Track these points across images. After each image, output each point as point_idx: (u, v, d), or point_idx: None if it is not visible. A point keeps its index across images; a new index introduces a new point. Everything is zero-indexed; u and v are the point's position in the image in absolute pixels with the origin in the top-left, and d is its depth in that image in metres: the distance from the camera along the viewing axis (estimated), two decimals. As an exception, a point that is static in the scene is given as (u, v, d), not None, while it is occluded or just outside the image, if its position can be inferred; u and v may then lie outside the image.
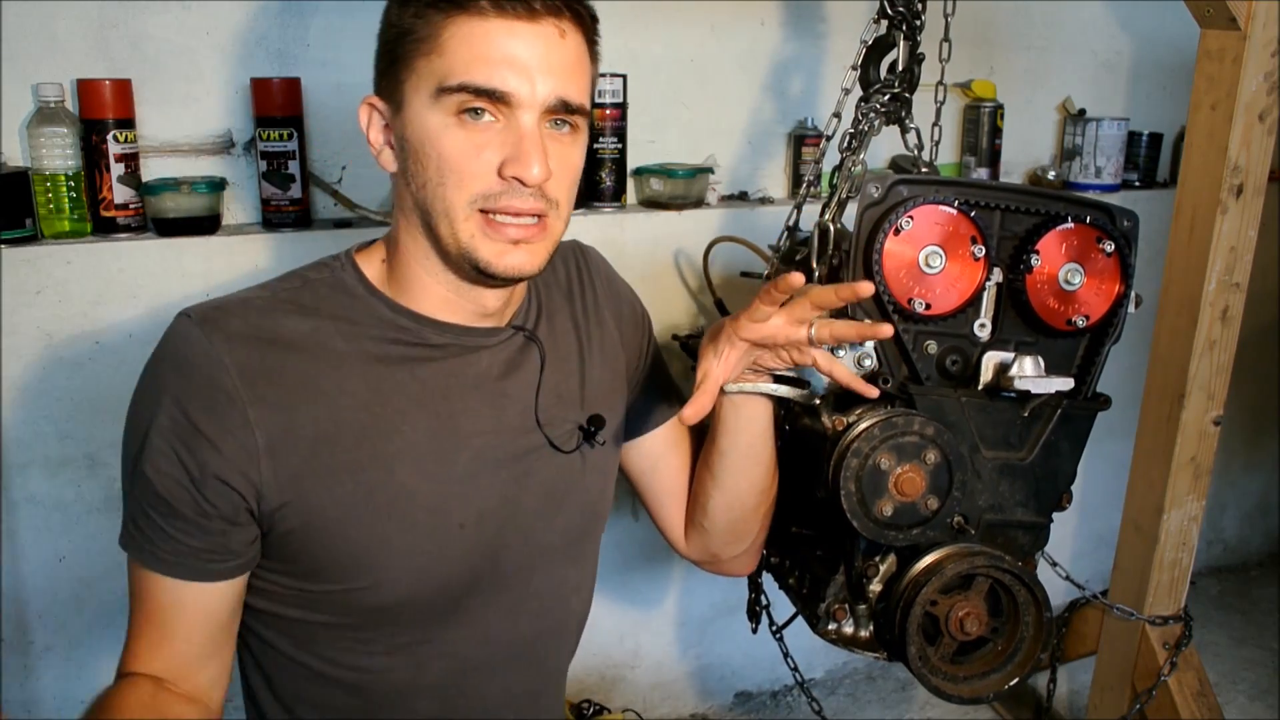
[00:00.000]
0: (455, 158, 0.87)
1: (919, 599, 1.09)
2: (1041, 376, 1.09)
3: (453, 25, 0.85)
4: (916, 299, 1.09)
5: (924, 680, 1.12)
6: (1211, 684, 1.91)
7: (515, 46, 0.85)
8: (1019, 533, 1.16)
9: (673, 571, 2.18)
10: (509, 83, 0.85)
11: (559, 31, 0.87)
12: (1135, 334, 2.13)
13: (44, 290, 1.53)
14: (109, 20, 1.58)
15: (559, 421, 1.04)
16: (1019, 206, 1.11)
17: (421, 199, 0.90)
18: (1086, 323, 1.12)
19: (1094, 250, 1.10)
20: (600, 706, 2.05)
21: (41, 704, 1.67)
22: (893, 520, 1.06)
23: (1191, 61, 1.67)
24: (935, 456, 1.06)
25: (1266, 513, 3.02)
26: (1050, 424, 1.14)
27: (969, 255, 1.09)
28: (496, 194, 0.88)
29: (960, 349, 1.13)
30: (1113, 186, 2.37)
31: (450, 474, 0.97)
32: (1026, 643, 1.13)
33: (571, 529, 1.07)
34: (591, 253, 1.17)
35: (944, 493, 1.07)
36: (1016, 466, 1.14)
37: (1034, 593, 1.11)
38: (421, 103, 0.87)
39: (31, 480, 1.59)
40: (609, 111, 1.88)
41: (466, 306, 0.97)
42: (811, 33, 2.08)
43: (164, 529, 0.89)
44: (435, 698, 1.02)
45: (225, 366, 0.87)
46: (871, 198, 1.10)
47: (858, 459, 1.05)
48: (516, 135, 0.87)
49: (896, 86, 1.39)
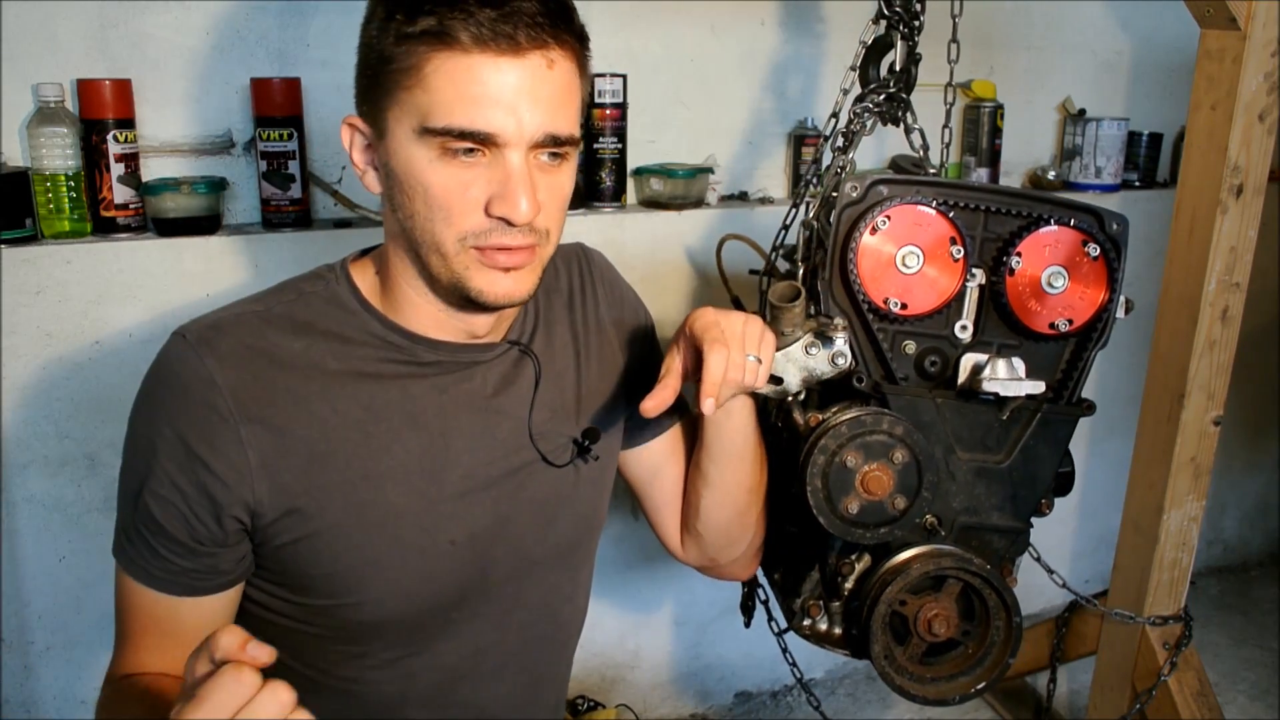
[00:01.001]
0: (442, 195, 0.85)
1: (883, 597, 1.09)
2: (1014, 379, 1.07)
3: (435, 59, 0.82)
4: (892, 298, 1.09)
5: (888, 679, 1.12)
6: (1211, 684, 1.91)
7: (499, 83, 0.82)
8: (995, 537, 1.15)
9: (673, 572, 2.18)
10: (494, 123, 0.83)
11: (547, 63, 0.84)
12: (1135, 334, 2.14)
13: (44, 290, 1.53)
14: (109, 20, 1.58)
15: (553, 436, 1.03)
16: (1002, 208, 1.11)
17: (409, 229, 0.89)
18: (1070, 327, 1.10)
19: (1079, 254, 1.09)
20: (594, 702, 2.05)
21: (41, 704, 1.67)
22: (859, 518, 1.06)
23: (1191, 61, 1.67)
24: (903, 456, 1.05)
25: (1266, 513, 3.02)
26: (1029, 428, 1.13)
27: (948, 256, 1.08)
28: (485, 231, 0.86)
29: (940, 350, 1.13)
30: (1113, 186, 2.37)
31: (441, 493, 0.96)
32: (996, 647, 1.12)
33: (563, 541, 1.07)
34: (596, 257, 1.16)
35: (913, 493, 1.06)
36: (993, 470, 1.13)
37: (1003, 597, 1.11)
38: (405, 135, 0.85)
39: (31, 480, 1.59)
40: (609, 111, 1.88)
41: (458, 326, 0.96)
42: (811, 33, 2.08)
43: (155, 549, 0.90)
44: (427, 706, 1.02)
45: (218, 387, 0.88)
46: (849, 197, 1.09)
47: (824, 456, 1.05)
48: (504, 173, 0.85)
49: (892, 86, 1.39)
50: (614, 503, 1.26)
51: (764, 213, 2.03)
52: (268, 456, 0.89)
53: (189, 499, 0.88)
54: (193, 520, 0.89)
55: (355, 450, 0.92)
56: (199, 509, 0.88)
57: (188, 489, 0.88)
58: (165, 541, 0.89)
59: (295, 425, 0.90)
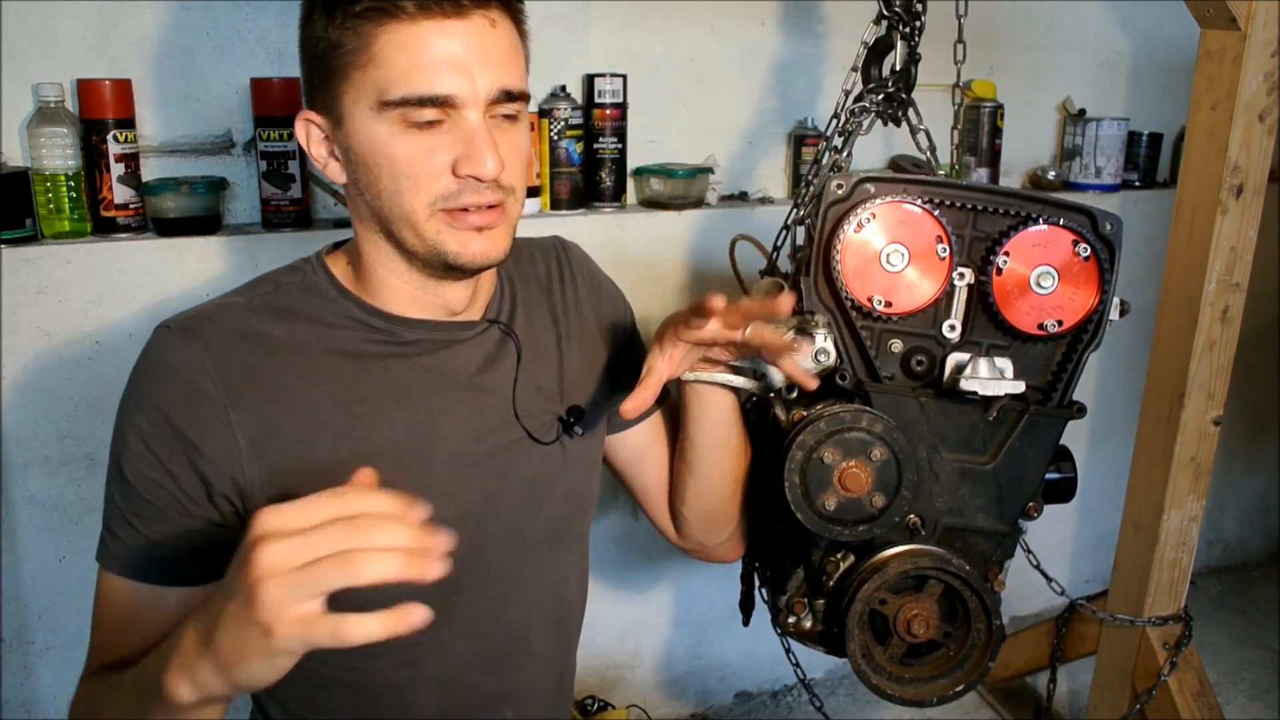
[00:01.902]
0: (408, 164, 0.88)
1: (860, 595, 1.09)
2: (993, 378, 1.07)
3: (384, 34, 0.85)
4: (877, 296, 1.08)
5: (864, 678, 1.11)
6: (1211, 684, 1.91)
7: (449, 46, 0.85)
8: (980, 539, 1.14)
9: (673, 571, 2.18)
10: (450, 85, 0.86)
11: (489, 22, 0.87)
12: (1135, 334, 2.14)
13: (44, 290, 1.53)
14: (109, 20, 1.58)
15: (538, 414, 1.05)
16: (991, 207, 1.10)
17: (378, 207, 0.91)
18: (1059, 328, 1.09)
19: (1069, 254, 1.08)
20: (604, 703, 2.05)
21: (41, 704, 1.67)
22: (837, 515, 1.06)
23: (1191, 61, 1.67)
24: (882, 454, 1.05)
25: (1266, 513, 3.02)
26: (1015, 429, 1.12)
27: (934, 255, 1.08)
28: (455, 193, 0.89)
29: (927, 349, 1.12)
30: (1113, 186, 2.37)
31: (431, 470, 0.98)
32: (977, 650, 1.12)
33: (556, 519, 1.08)
34: (573, 248, 1.18)
35: (892, 491, 1.06)
36: (978, 471, 1.12)
37: (983, 600, 1.10)
38: (364, 115, 0.88)
39: (31, 480, 1.59)
40: (609, 111, 1.88)
41: (434, 302, 0.98)
42: (811, 33, 2.08)
43: (147, 536, 0.90)
44: (434, 694, 1.03)
45: (206, 370, 0.89)
46: (835, 195, 1.09)
47: (803, 451, 1.05)
48: (466, 134, 0.87)
49: (890, 87, 1.39)
50: (614, 502, 1.26)
51: (764, 213, 2.03)
52: (257, 438, 0.90)
53: (179, 480, 0.89)
54: (185, 501, 0.89)
55: (344, 431, 0.93)
56: (190, 489, 0.89)
57: (178, 470, 0.88)
58: (159, 527, 0.89)
59: (283, 408, 0.91)
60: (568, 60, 1.91)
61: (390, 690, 1.01)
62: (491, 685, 1.06)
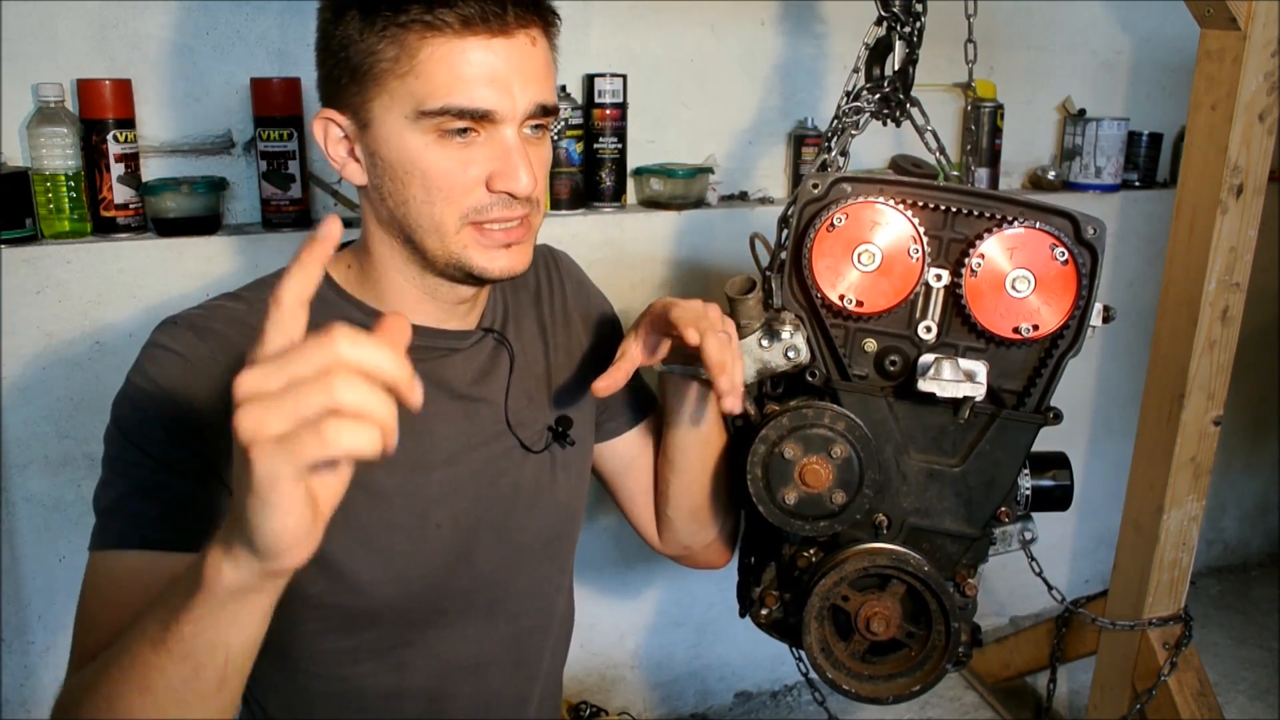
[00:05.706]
0: (441, 176, 0.88)
1: (817, 589, 1.09)
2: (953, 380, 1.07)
3: (428, 46, 0.85)
4: (848, 296, 1.08)
5: (820, 672, 1.12)
6: (1211, 684, 1.91)
7: (492, 62, 0.86)
8: (948, 541, 1.14)
9: (673, 571, 2.18)
10: (490, 100, 0.87)
11: (530, 40, 0.89)
12: (1135, 334, 2.14)
13: (44, 290, 1.53)
14: (109, 20, 1.58)
15: (529, 423, 1.06)
16: (968, 209, 1.09)
17: (403, 214, 0.91)
18: (1034, 332, 1.07)
19: (1047, 258, 1.07)
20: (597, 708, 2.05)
21: (41, 704, 1.67)
22: (797, 509, 1.06)
23: (1191, 61, 1.67)
24: (844, 451, 1.05)
25: (1266, 513, 3.02)
26: (986, 433, 1.12)
27: (906, 256, 1.08)
28: (487, 206, 0.90)
29: (901, 350, 1.12)
30: (1113, 186, 2.37)
31: (427, 477, 0.98)
32: (936, 652, 1.12)
33: (546, 529, 1.09)
34: (563, 257, 1.19)
35: (853, 488, 1.06)
36: (946, 473, 1.12)
37: (941, 601, 1.09)
38: (397, 122, 0.88)
39: (31, 480, 1.59)
40: (609, 111, 1.88)
41: (439, 304, 0.98)
42: (811, 33, 2.08)
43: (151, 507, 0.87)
44: (421, 701, 1.03)
45: (216, 362, 0.89)
46: (811, 194, 1.09)
47: (765, 446, 1.05)
48: (501, 149, 0.89)
49: (886, 87, 1.39)
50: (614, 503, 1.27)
51: (764, 213, 2.03)
52: None
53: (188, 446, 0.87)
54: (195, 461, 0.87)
55: None
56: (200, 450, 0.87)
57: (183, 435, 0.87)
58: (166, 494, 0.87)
59: None
60: (568, 60, 1.90)
61: (377, 697, 1.01)
62: (479, 693, 1.06)
